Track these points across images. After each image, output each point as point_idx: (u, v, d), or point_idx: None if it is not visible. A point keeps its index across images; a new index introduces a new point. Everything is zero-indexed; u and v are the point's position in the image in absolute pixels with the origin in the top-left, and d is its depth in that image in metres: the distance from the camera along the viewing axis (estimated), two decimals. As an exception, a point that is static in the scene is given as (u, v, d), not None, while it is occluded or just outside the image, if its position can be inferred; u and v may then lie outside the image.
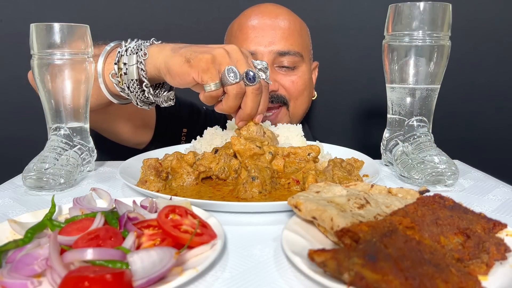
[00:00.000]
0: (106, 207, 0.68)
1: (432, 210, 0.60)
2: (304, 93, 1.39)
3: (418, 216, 0.58)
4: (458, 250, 0.54)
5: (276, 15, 1.35)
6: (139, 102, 1.00)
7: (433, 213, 0.59)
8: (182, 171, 0.89)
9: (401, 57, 0.94)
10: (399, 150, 0.97)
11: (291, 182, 0.87)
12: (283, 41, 1.31)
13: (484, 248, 0.54)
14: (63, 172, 0.86)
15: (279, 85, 1.33)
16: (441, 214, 0.59)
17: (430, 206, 0.61)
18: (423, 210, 0.59)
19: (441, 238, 0.55)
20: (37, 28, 0.87)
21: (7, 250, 0.54)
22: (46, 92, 0.90)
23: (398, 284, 0.42)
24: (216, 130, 1.10)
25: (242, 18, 1.39)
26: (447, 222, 0.58)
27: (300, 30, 1.38)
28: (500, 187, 0.90)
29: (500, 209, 0.77)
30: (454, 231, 0.57)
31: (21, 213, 0.73)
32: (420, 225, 0.56)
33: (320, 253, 0.48)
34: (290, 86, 1.35)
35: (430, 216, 0.58)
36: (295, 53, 1.33)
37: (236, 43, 1.32)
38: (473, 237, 0.56)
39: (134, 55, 0.94)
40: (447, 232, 0.56)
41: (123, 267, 0.48)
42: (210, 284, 0.52)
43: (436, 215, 0.58)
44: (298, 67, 1.36)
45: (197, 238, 0.56)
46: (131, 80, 0.95)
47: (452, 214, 0.59)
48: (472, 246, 0.54)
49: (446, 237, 0.55)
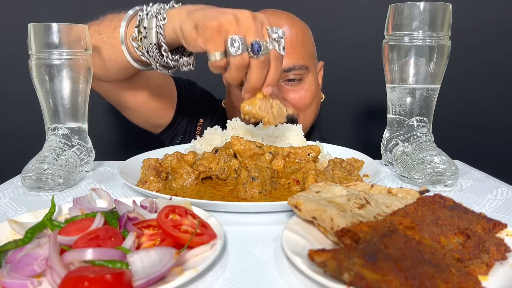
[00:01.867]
0: (106, 207, 0.68)
1: (432, 210, 0.60)
2: (312, 104, 1.36)
3: (418, 216, 0.58)
4: (458, 250, 0.54)
5: (279, 25, 1.30)
6: (158, 66, 0.99)
7: (433, 213, 0.59)
8: (182, 171, 0.89)
9: (401, 57, 0.94)
10: (399, 150, 0.97)
11: (291, 182, 0.87)
12: (286, 57, 1.24)
13: (484, 248, 0.54)
14: (62, 172, 0.86)
15: (287, 103, 1.29)
16: (441, 214, 0.59)
17: (430, 206, 0.61)
18: (423, 210, 0.59)
19: (441, 238, 0.55)
20: (35, 28, 0.86)
21: (7, 250, 0.54)
22: (44, 92, 0.90)
23: (398, 284, 0.42)
24: (216, 130, 1.10)
25: None
26: (447, 222, 0.58)
27: (303, 40, 1.31)
28: (500, 187, 0.90)
29: (500, 209, 0.77)
30: (454, 231, 0.57)
31: (21, 213, 0.73)
32: (420, 225, 0.56)
33: (320, 253, 0.48)
34: (298, 102, 1.31)
35: (430, 216, 0.58)
36: (300, 66, 1.28)
37: None
38: (473, 237, 0.56)
39: (154, 18, 0.93)
40: (447, 232, 0.56)
41: (123, 267, 0.48)
42: (210, 284, 0.52)
43: (436, 215, 0.58)
44: (304, 79, 1.31)
45: (197, 238, 0.56)
46: (150, 44, 0.94)
47: (452, 214, 0.59)
48: (472, 246, 0.54)
49: (446, 237, 0.55)
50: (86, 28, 0.92)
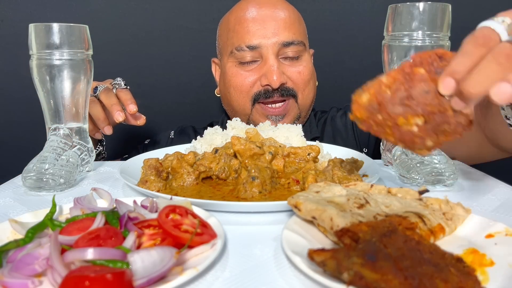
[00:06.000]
0: (107, 207, 0.68)
1: (410, 84, 0.58)
2: (310, 82, 1.38)
3: (392, 90, 0.58)
4: (409, 131, 0.56)
5: (273, 4, 1.33)
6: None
7: (409, 87, 0.58)
8: (182, 171, 0.89)
9: (400, 58, 0.94)
10: (399, 150, 0.97)
11: (291, 182, 0.87)
12: (286, 31, 1.30)
13: (440, 129, 0.56)
14: (63, 172, 0.86)
15: (287, 78, 1.32)
16: (415, 91, 0.57)
17: (410, 76, 0.58)
18: (400, 83, 0.58)
19: (400, 118, 0.56)
20: (36, 28, 0.87)
21: (8, 249, 0.54)
22: (45, 93, 0.90)
23: (397, 284, 0.43)
24: (216, 130, 1.10)
25: (238, 10, 1.36)
26: (418, 101, 0.57)
27: (299, 18, 1.37)
28: (500, 187, 0.90)
29: (499, 209, 0.77)
30: (418, 113, 0.57)
31: (22, 213, 0.73)
32: (386, 102, 0.57)
33: (319, 252, 0.48)
34: (297, 77, 1.33)
35: (403, 92, 0.58)
36: (299, 42, 1.31)
37: (236, 38, 1.31)
38: (432, 121, 0.56)
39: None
40: (409, 113, 0.57)
41: (124, 266, 0.48)
42: (210, 283, 0.52)
43: (408, 93, 0.57)
44: (301, 56, 1.35)
45: (197, 237, 0.56)
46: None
47: (429, 89, 0.57)
48: (429, 129, 0.55)
49: (405, 118, 0.57)
50: (87, 28, 0.92)
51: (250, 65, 1.33)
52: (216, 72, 1.52)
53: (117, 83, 1.17)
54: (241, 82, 1.33)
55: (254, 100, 1.34)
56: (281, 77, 1.28)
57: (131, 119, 1.16)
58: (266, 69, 1.29)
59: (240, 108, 1.38)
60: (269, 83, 1.28)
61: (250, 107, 1.35)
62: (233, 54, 1.33)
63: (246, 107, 1.36)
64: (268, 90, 1.31)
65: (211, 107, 1.88)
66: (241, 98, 1.36)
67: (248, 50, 1.30)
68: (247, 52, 1.30)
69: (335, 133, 1.47)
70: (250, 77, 1.33)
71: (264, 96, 1.31)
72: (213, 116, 1.72)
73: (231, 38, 1.34)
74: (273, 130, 1.08)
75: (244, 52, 1.30)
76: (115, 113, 1.09)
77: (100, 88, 1.15)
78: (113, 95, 1.13)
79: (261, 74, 1.31)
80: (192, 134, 1.54)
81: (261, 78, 1.31)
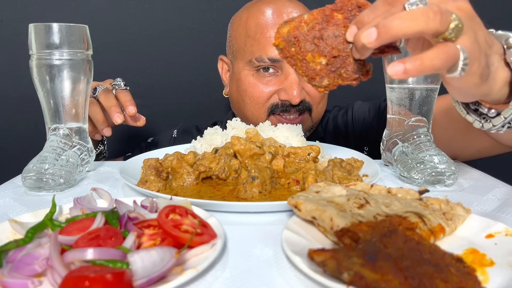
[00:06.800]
0: (107, 207, 0.68)
1: (324, 24, 0.62)
2: (325, 96, 1.37)
3: (308, 27, 0.62)
4: (314, 69, 0.60)
5: (293, 8, 1.28)
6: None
7: (322, 28, 0.61)
8: (182, 171, 0.89)
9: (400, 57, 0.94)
10: (399, 150, 0.97)
11: (291, 182, 0.87)
12: None
13: (339, 72, 0.60)
14: (63, 172, 0.86)
15: (305, 93, 1.29)
16: (327, 33, 0.61)
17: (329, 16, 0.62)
18: (317, 23, 0.62)
19: (308, 55, 0.60)
20: (35, 28, 0.87)
21: (7, 249, 0.54)
22: (45, 93, 0.90)
23: (397, 284, 0.42)
24: (216, 130, 1.10)
25: (258, 15, 1.29)
26: (326, 42, 0.61)
27: None
28: (500, 187, 0.90)
29: (499, 209, 0.77)
30: (325, 53, 0.60)
31: (22, 213, 0.73)
32: (302, 39, 0.61)
33: (319, 252, 0.48)
34: (315, 92, 1.31)
35: (316, 32, 0.61)
36: None
37: (257, 47, 1.27)
38: (336, 62, 0.60)
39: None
40: (317, 52, 0.61)
41: (124, 266, 0.48)
42: (210, 283, 0.52)
43: (320, 33, 0.61)
44: None
45: (197, 237, 0.56)
46: None
47: (338, 34, 0.61)
48: (330, 69, 0.59)
49: (313, 56, 0.60)
50: (87, 28, 0.92)
51: (268, 76, 1.29)
52: (223, 70, 1.48)
53: (117, 83, 1.17)
54: (259, 93, 1.30)
55: (270, 112, 1.31)
56: (301, 94, 1.25)
57: (130, 120, 1.15)
58: (287, 84, 1.25)
59: (254, 117, 1.34)
60: (289, 99, 1.25)
61: (265, 118, 1.32)
62: (252, 63, 1.28)
63: (261, 117, 1.32)
64: (286, 105, 1.28)
65: (211, 106, 1.88)
66: (256, 108, 1.33)
67: (270, 62, 1.26)
68: (268, 64, 1.27)
69: (336, 131, 1.46)
70: (268, 88, 1.29)
71: (281, 109, 1.29)
72: (213, 115, 1.72)
73: (250, 46, 1.29)
74: (273, 130, 1.08)
75: (265, 64, 1.27)
76: (114, 115, 1.08)
77: (99, 89, 1.14)
78: (112, 97, 1.12)
79: (280, 87, 1.27)
80: (195, 133, 1.52)
81: (279, 91, 1.28)
